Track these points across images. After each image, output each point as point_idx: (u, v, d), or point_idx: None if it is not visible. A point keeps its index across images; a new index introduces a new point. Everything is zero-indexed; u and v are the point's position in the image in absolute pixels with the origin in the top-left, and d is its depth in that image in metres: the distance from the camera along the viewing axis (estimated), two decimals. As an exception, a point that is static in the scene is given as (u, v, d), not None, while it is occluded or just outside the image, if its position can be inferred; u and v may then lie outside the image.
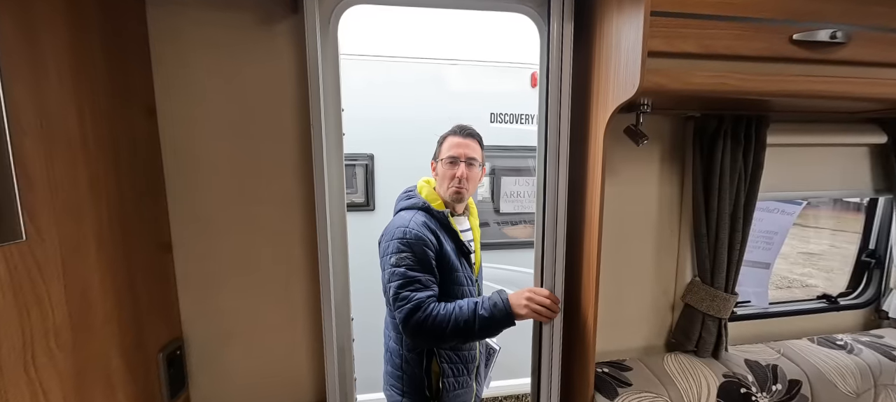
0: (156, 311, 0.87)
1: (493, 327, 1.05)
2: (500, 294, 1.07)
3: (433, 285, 1.11)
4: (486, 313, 1.04)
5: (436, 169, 1.28)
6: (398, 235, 1.12)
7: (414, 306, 1.04)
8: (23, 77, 0.57)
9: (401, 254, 1.09)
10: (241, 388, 1.00)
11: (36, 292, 0.58)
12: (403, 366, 1.23)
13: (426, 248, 1.12)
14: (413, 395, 1.22)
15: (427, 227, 1.16)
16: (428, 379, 1.21)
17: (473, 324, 1.03)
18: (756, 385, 1.06)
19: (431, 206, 1.21)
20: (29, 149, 0.57)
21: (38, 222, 0.58)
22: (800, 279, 5.43)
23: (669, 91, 0.77)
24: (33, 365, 0.58)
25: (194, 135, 0.89)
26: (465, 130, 1.25)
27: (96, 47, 0.71)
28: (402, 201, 1.27)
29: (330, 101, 0.91)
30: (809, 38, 0.79)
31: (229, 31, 0.86)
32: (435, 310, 1.04)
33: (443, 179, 1.23)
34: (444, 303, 1.07)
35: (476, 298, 1.09)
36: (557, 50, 0.92)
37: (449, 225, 1.21)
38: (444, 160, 1.22)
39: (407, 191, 1.31)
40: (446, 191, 1.23)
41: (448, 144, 1.23)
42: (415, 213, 1.19)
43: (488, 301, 1.06)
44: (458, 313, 1.04)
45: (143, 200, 0.83)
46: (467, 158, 1.21)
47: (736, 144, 1.03)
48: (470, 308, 1.05)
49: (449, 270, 1.18)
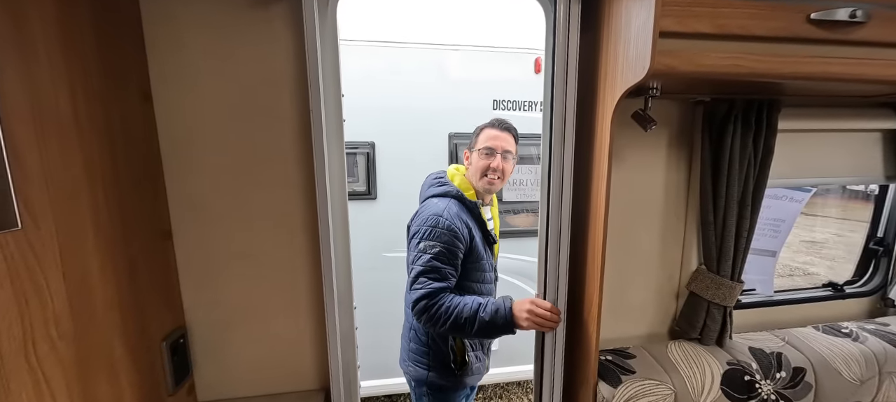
0: (158, 299, 0.87)
1: (491, 331, 1.08)
2: (505, 301, 1.09)
3: (452, 278, 1.14)
4: (487, 317, 1.06)
5: (469, 158, 1.30)
6: (432, 221, 1.15)
7: (427, 292, 1.09)
8: (11, 60, 0.55)
9: (431, 241, 1.13)
10: (246, 375, 1.01)
11: (34, 281, 0.57)
12: (430, 343, 1.29)
13: (457, 239, 1.14)
14: (440, 369, 1.29)
15: (460, 217, 1.18)
16: (454, 353, 1.27)
17: (473, 323, 1.07)
18: (760, 373, 1.06)
19: (465, 195, 1.23)
20: (21, 133, 0.56)
21: (33, 209, 0.57)
22: (802, 268, 5.42)
23: (681, 73, 0.74)
24: (35, 355, 0.57)
25: (191, 119, 0.87)
26: (503, 123, 1.27)
27: (87, 30, 0.69)
28: (433, 188, 1.28)
29: (329, 85, 0.88)
30: (828, 17, 0.76)
31: (224, 13, 0.84)
32: (442, 301, 1.09)
33: (477, 170, 1.25)
34: (454, 296, 1.11)
35: (480, 299, 1.10)
36: (564, 32, 0.89)
37: (479, 215, 1.25)
38: (481, 151, 1.24)
39: (437, 177, 1.32)
40: (479, 181, 1.25)
41: (485, 135, 1.25)
42: (449, 201, 1.21)
43: (491, 306, 1.08)
44: (459, 310, 1.07)
45: (140, 185, 0.81)
46: (503, 151, 1.24)
47: (746, 129, 1.00)
48: (473, 308, 1.08)
49: (477, 259, 1.22)
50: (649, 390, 0.99)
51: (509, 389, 2.76)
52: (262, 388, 1.02)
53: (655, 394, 0.99)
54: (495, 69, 2.25)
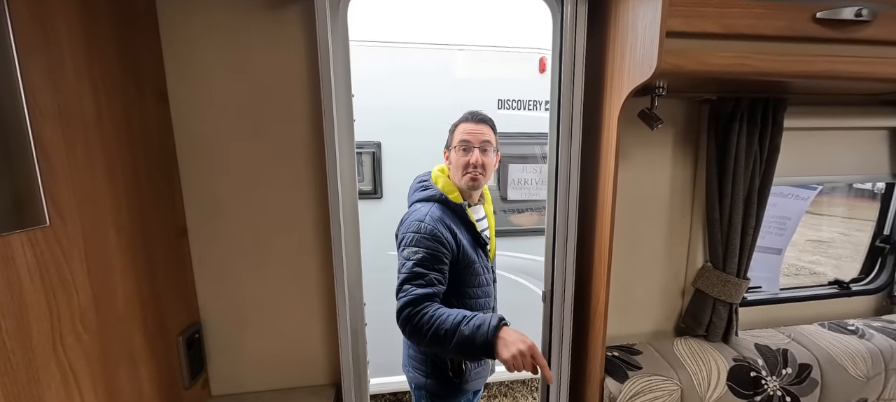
0: (174, 294, 0.89)
1: (469, 349, 0.92)
2: (492, 320, 0.93)
3: (439, 284, 1.06)
4: (467, 332, 0.92)
5: (449, 158, 1.24)
6: (413, 228, 1.09)
7: (409, 300, 1.00)
8: (39, 63, 0.57)
9: (413, 247, 1.07)
10: (258, 370, 1.03)
11: (61, 275, 0.60)
12: (426, 350, 1.24)
13: (440, 245, 1.08)
14: (437, 376, 1.24)
15: (443, 222, 1.12)
16: (450, 362, 1.23)
17: (451, 338, 0.93)
18: (766, 369, 1.07)
19: (448, 197, 1.17)
20: (48, 133, 0.58)
21: (60, 206, 0.59)
22: (808, 267, 5.38)
23: (687, 73, 0.75)
24: (62, 347, 0.59)
25: (206, 120, 0.89)
26: (477, 115, 1.20)
27: (108, 34, 0.71)
28: (417, 193, 1.23)
29: (341, 86, 0.90)
30: (833, 16, 0.77)
31: (238, 16, 0.86)
32: (424, 311, 0.98)
33: (457, 168, 1.18)
34: (438, 306, 1.00)
35: (467, 313, 0.97)
36: (571, 32, 0.91)
37: (466, 217, 1.18)
38: (457, 147, 1.17)
39: (421, 180, 1.26)
40: (461, 179, 1.18)
41: (461, 130, 1.19)
42: (431, 206, 1.15)
43: (474, 322, 0.93)
44: (440, 322, 0.95)
45: (157, 184, 0.84)
46: (481, 143, 1.16)
47: (752, 127, 1.01)
48: (455, 321, 0.95)
49: (466, 263, 1.15)
50: (656, 385, 1.00)
51: (514, 387, 2.77)
52: (274, 383, 1.04)
53: (662, 390, 1.00)
54: (500, 69, 2.26)
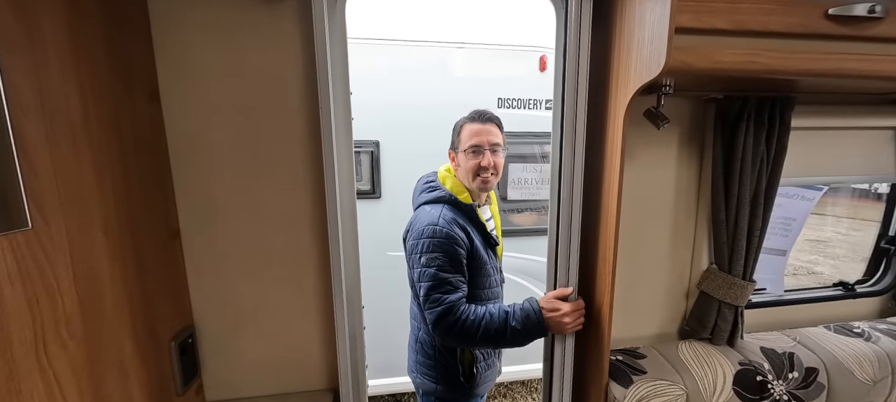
0: (166, 298, 0.86)
1: (526, 338, 1.02)
2: (531, 304, 1.02)
3: (463, 285, 1.08)
4: (519, 326, 1.00)
5: (455, 159, 1.21)
6: (428, 233, 1.07)
7: (445, 309, 1.02)
8: (22, 61, 0.54)
9: (431, 254, 1.05)
10: (254, 374, 1.00)
11: (45, 281, 0.57)
12: (436, 356, 1.23)
13: (458, 247, 1.07)
14: (448, 382, 1.23)
15: (456, 223, 1.10)
16: (462, 366, 1.21)
17: (505, 334, 1.01)
18: (772, 373, 1.05)
19: (458, 198, 1.14)
20: (31, 133, 0.55)
21: (43, 208, 0.57)
22: (806, 266, 5.40)
23: (696, 70, 0.73)
24: (46, 355, 0.57)
25: (199, 119, 0.86)
26: (484, 115, 1.17)
27: (97, 32, 0.68)
28: (423, 194, 1.20)
29: (338, 84, 0.88)
30: (846, 12, 0.75)
31: (232, 14, 0.83)
32: (465, 314, 1.02)
33: (467, 170, 1.16)
34: (473, 306, 1.05)
35: (506, 306, 1.04)
36: (575, 29, 0.88)
37: (477, 218, 1.16)
38: (467, 150, 1.14)
39: (427, 181, 1.23)
40: (472, 181, 1.16)
41: (468, 131, 1.15)
42: (442, 208, 1.13)
43: (520, 312, 1.02)
44: (488, 321, 1.01)
45: (148, 185, 0.81)
46: (491, 145, 1.14)
47: (759, 126, 0.98)
48: (501, 318, 1.02)
49: (480, 264, 1.14)
50: (661, 390, 0.98)
51: (513, 388, 2.76)
52: (271, 388, 1.02)
53: (667, 395, 0.98)
54: (500, 67, 2.23)
